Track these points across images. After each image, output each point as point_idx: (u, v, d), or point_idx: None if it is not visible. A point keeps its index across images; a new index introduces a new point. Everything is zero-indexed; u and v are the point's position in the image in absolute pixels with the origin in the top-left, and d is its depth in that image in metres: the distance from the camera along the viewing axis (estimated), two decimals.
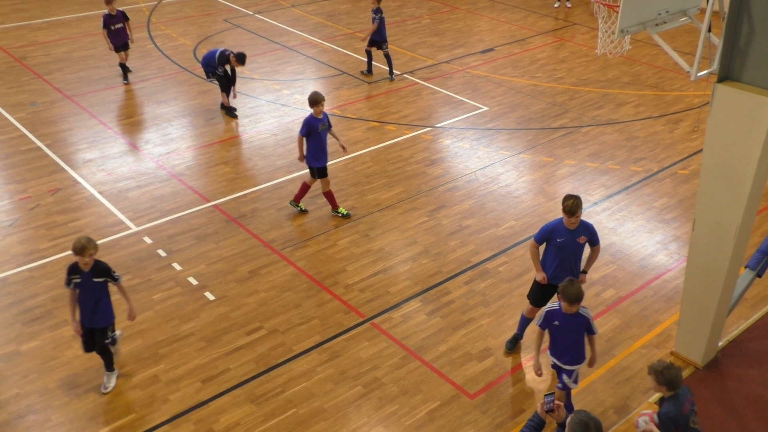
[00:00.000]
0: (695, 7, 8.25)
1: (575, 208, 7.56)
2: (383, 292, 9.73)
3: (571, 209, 7.57)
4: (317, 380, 8.32)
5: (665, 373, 6.38)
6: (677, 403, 6.45)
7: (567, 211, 7.62)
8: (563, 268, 7.93)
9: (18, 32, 18.89)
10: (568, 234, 7.79)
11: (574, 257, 7.95)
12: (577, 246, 7.89)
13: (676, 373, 6.39)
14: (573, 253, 7.91)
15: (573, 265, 7.98)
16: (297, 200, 11.36)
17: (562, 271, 7.92)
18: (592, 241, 7.99)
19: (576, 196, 7.63)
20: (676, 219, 11.37)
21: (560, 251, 7.87)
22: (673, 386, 6.43)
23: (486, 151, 13.31)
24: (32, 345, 8.75)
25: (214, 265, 10.19)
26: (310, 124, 10.68)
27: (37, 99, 15.06)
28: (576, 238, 7.83)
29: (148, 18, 20.19)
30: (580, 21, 20.70)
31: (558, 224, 7.83)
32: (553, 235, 7.85)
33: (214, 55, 14.06)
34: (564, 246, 7.84)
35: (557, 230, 7.82)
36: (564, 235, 7.79)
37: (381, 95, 15.55)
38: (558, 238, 7.82)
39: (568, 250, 7.87)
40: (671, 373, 6.37)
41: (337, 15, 20.79)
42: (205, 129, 14.02)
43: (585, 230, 7.89)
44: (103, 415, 7.82)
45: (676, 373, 6.39)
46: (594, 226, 8.04)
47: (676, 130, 14.15)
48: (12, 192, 11.83)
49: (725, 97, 7.05)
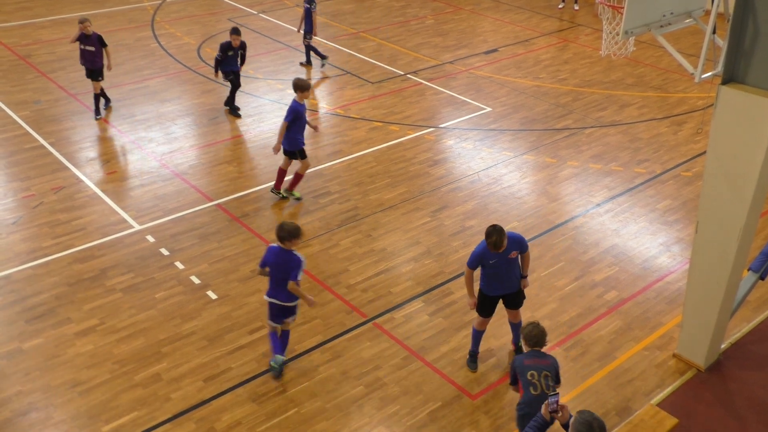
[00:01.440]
0: (700, 8, 8.24)
1: (499, 243, 7.56)
2: (385, 293, 9.73)
3: (495, 245, 7.57)
4: (319, 380, 8.32)
5: (525, 329, 6.79)
6: (526, 355, 6.78)
7: (492, 246, 7.60)
8: (500, 280, 8.01)
9: (22, 30, 18.92)
10: (499, 255, 7.78)
11: (510, 271, 8.01)
12: (511, 261, 7.93)
13: (530, 329, 6.72)
14: (507, 269, 7.97)
15: (511, 278, 8.04)
16: (291, 188, 11.71)
17: (499, 282, 8.02)
18: (522, 250, 8.01)
19: (498, 230, 7.56)
20: (679, 221, 11.35)
21: (495, 269, 7.92)
22: (528, 341, 6.73)
23: (489, 151, 13.31)
24: (35, 343, 8.76)
25: (216, 264, 10.19)
26: (296, 110, 10.96)
27: (41, 97, 15.08)
28: (507, 256, 7.84)
29: (152, 17, 20.21)
30: (584, 22, 20.69)
31: (485, 248, 7.77)
32: (485, 259, 7.85)
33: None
34: (497, 265, 7.88)
35: (486, 254, 7.80)
36: (495, 257, 7.80)
37: (384, 95, 15.55)
38: (490, 260, 7.83)
39: (503, 268, 7.92)
40: (527, 329, 6.76)
41: (341, 15, 20.80)
42: (208, 128, 14.03)
43: (515, 245, 7.88)
44: (104, 413, 7.82)
45: (531, 331, 6.71)
46: (520, 235, 8.00)
47: (680, 132, 14.13)
48: (15, 190, 11.84)
49: (729, 100, 7.04)
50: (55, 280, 9.80)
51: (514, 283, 8.12)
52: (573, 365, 8.57)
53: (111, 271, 10.00)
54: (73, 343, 8.75)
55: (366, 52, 17.90)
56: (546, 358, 6.75)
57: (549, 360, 6.76)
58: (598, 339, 8.98)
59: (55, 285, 9.72)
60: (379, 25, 20.07)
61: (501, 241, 7.55)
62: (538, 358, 6.71)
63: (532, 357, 6.73)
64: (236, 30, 14.02)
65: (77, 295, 9.55)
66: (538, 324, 6.77)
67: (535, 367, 6.65)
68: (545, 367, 6.67)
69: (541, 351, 6.76)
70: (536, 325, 6.75)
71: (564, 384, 8.28)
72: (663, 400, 8.05)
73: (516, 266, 8.07)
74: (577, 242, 10.81)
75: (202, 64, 16.80)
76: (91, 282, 9.79)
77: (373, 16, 20.79)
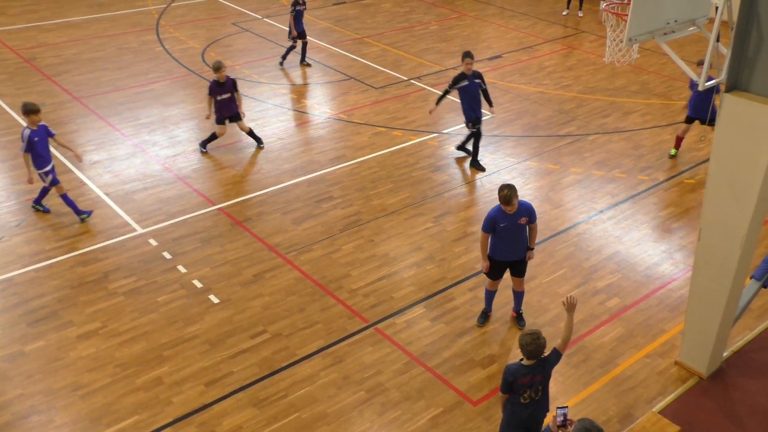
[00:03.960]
0: (704, 16, 8.24)
1: (509, 197, 8.17)
2: (387, 298, 9.73)
3: (505, 199, 8.20)
4: (320, 385, 8.31)
5: (523, 339, 6.37)
6: (522, 369, 6.45)
7: (502, 201, 8.25)
8: (509, 245, 8.64)
9: (28, 33, 18.98)
10: (509, 218, 8.40)
11: (518, 237, 8.62)
12: (520, 227, 8.54)
13: (529, 341, 6.33)
14: (516, 234, 8.58)
15: (517, 243, 8.66)
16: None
17: (511, 248, 8.67)
18: (531, 220, 8.60)
19: (510, 186, 8.23)
20: (681, 228, 11.34)
21: (504, 234, 8.53)
22: (525, 353, 6.39)
23: (492, 157, 13.31)
24: (37, 345, 8.77)
25: (218, 269, 10.20)
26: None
27: (46, 100, 15.11)
28: (517, 221, 8.46)
29: (157, 20, 20.26)
30: (588, 29, 20.70)
31: (498, 211, 8.41)
32: (496, 222, 8.45)
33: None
34: (507, 229, 8.48)
35: (498, 217, 8.42)
36: (505, 220, 8.42)
37: (388, 101, 15.57)
38: (501, 224, 8.44)
39: (511, 232, 8.52)
40: (524, 339, 6.35)
41: (345, 20, 20.83)
42: (211, 132, 14.02)
43: (525, 211, 8.49)
44: (106, 416, 7.83)
45: (529, 344, 6.33)
46: (531, 205, 8.61)
47: (684, 140, 14.11)
48: (19, 192, 11.87)
49: (733, 107, 7.04)
50: (57, 283, 9.81)
51: (521, 251, 8.74)
52: (575, 372, 8.56)
53: (113, 275, 10.01)
54: (74, 347, 8.76)
55: (370, 58, 17.93)
56: (539, 372, 6.47)
57: (542, 375, 6.48)
58: (600, 346, 8.97)
59: (58, 288, 9.73)
60: (383, 30, 20.10)
61: (511, 196, 8.16)
62: (534, 375, 6.46)
63: (527, 374, 6.45)
64: (215, 65, 12.84)
65: (79, 298, 9.57)
66: (538, 336, 6.33)
67: (527, 385, 6.48)
68: (538, 382, 6.50)
69: (538, 360, 6.45)
70: (536, 337, 6.33)
71: (565, 391, 8.28)
72: (665, 408, 8.03)
73: (523, 234, 8.65)
74: (579, 249, 10.80)
75: (206, 68, 16.83)
76: (93, 285, 9.80)
77: (378, 22, 20.82)
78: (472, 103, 12.40)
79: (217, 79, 12.77)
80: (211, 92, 12.85)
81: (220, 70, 12.68)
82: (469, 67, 12.15)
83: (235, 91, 13.04)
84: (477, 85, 12.29)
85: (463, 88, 12.28)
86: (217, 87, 12.81)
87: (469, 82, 12.23)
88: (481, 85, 12.36)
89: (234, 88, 13.01)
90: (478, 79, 12.31)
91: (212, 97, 12.85)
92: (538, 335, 6.34)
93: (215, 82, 12.79)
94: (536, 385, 6.51)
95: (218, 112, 13.02)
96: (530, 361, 6.42)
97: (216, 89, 12.82)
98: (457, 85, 12.29)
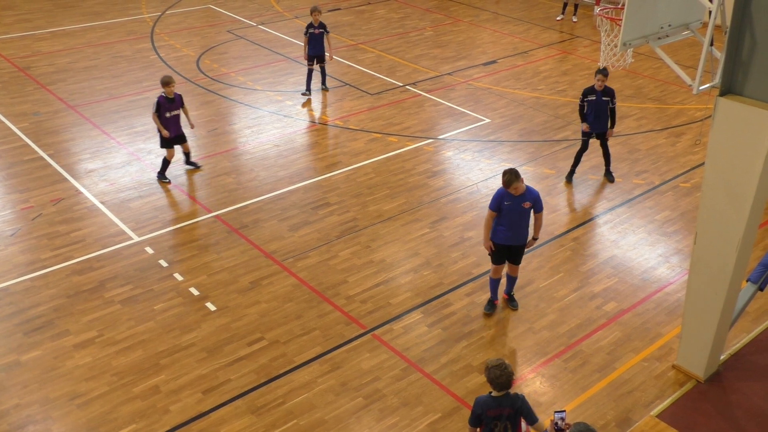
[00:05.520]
0: (698, 20, 8.28)
1: (509, 182, 8.58)
2: (384, 304, 9.72)
3: (506, 183, 8.62)
4: (318, 391, 8.30)
5: (489, 371, 6.19)
6: (490, 402, 6.28)
7: (504, 185, 8.67)
8: (510, 229, 8.93)
9: (22, 42, 18.97)
10: (514, 199, 8.75)
11: (521, 221, 8.90)
12: (523, 210, 8.84)
13: (498, 374, 6.14)
14: (519, 217, 8.86)
15: (518, 229, 8.94)
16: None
17: (509, 232, 8.95)
18: (536, 208, 8.93)
19: (511, 171, 8.62)
20: (678, 232, 11.36)
21: (508, 214, 8.83)
22: (494, 386, 6.22)
23: (488, 162, 13.33)
24: (33, 355, 8.74)
25: (215, 276, 10.19)
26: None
27: (40, 109, 15.10)
28: (521, 203, 8.78)
29: (151, 28, 20.26)
30: (583, 34, 20.76)
31: (505, 190, 8.77)
32: (502, 200, 8.80)
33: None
34: (511, 209, 8.79)
35: (505, 195, 8.78)
36: (510, 200, 8.76)
37: (383, 107, 15.58)
38: (506, 202, 8.78)
39: (514, 213, 8.82)
40: (493, 373, 6.16)
41: (340, 26, 20.86)
42: (207, 139, 14.04)
43: (529, 196, 8.82)
44: (103, 425, 7.80)
45: (498, 376, 6.14)
46: (539, 194, 8.96)
47: (678, 144, 14.15)
48: (14, 201, 11.85)
49: (727, 111, 7.06)
50: (53, 292, 9.79)
51: (521, 237, 9.04)
52: (572, 376, 8.56)
53: (110, 283, 9.99)
54: (71, 356, 8.73)
55: (365, 64, 17.95)
56: (511, 405, 6.29)
57: (515, 407, 6.29)
58: (598, 350, 8.97)
59: (54, 297, 9.71)
60: (378, 36, 20.13)
61: (512, 180, 8.56)
62: (503, 408, 6.30)
63: (496, 407, 6.30)
64: (163, 80, 12.19)
65: (76, 307, 9.54)
66: (506, 366, 6.16)
67: (496, 417, 6.34)
68: (508, 416, 6.33)
69: (507, 393, 6.27)
70: (503, 367, 6.15)
71: (563, 395, 8.28)
72: (662, 412, 8.03)
73: (525, 220, 8.94)
74: (576, 253, 10.81)
75: (201, 76, 16.83)
76: (89, 294, 9.78)
77: (372, 28, 20.86)
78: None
79: (166, 95, 12.09)
80: (159, 109, 12.05)
81: (170, 85, 12.05)
82: None
83: (182, 106, 12.38)
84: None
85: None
86: (167, 103, 12.10)
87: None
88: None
89: (182, 103, 12.37)
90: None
91: (160, 114, 12.06)
92: (505, 366, 6.15)
93: (164, 98, 12.07)
94: (504, 419, 6.33)
95: (166, 131, 12.22)
96: (499, 393, 6.27)
97: (166, 105, 12.09)
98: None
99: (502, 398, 6.28)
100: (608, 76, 11.93)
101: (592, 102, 12.04)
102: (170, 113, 12.18)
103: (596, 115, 12.13)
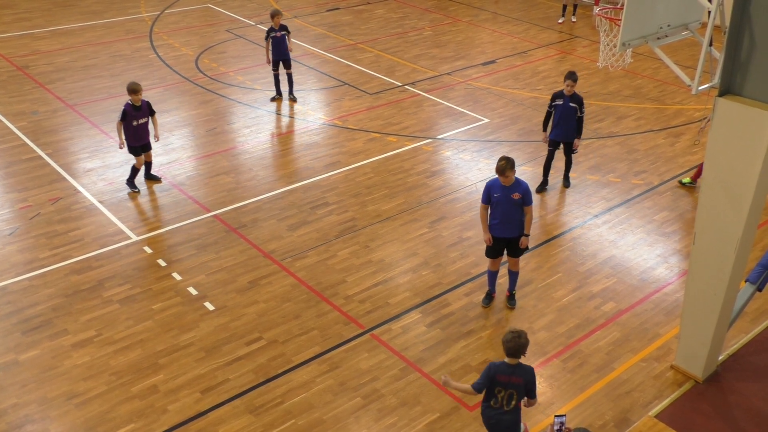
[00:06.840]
0: (697, 21, 8.28)
1: (503, 168, 8.60)
2: (383, 304, 9.72)
3: (499, 169, 8.64)
4: (316, 391, 8.29)
5: (505, 336, 6.47)
6: (504, 367, 6.52)
7: (497, 171, 8.69)
8: (503, 221, 8.96)
9: (21, 41, 18.95)
10: (503, 190, 8.80)
11: (511, 213, 8.91)
12: (512, 201, 8.84)
13: (509, 338, 6.41)
14: (509, 209, 8.88)
15: (511, 221, 8.96)
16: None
17: (502, 225, 8.99)
18: (525, 200, 8.89)
19: (507, 159, 8.64)
20: (676, 232, 11.36)
21: (498, 206, 8.89)
22: (505, 351, 6.47)
23: (487, 162, 13.32)
24: (31, 354, 8.73)
25: (214, 276, 10.18)
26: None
27: (39, 108, 15.09)
28: (510, 194, 8.80)
29: (150, 28, 20.25)
30: (582, 34, 20.76)
31: (495, 182, 8.87)
32: (491, 192, 8.88)
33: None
34: (500, 201, 8.84)
35: (494, 187, 8.87)
36: (499, 191, 8.83)
37: (382, 106, 15.58)
38: (495, 194, 8.86)
39: (504, 204, 8.85)
40: (506, 336, 6.44)
41: (339, 26, 20.86)
42: (206, 139, 14.04)
43: (518, 187, 8.82)
44: (101, 425, 7.79)
45: (509, 341, 6.41)
46: (528, 186, 8.94)
47: (677, 144, 14.16)
48: (12, 201, 11.83)
49: (726, 111, 7.06)
50: (51, 292, 9.78)
51: (513, 230, 9.04)
52: (571, 376, 8.56)
53: (108, 282, 9.98)
54: (69, 355, 8.73)
55: (364, 63, 17.95)
56: (520, 375, 6.50)
57: (522, 378, 6.50)
58: (596, 350, 8.97)
59: (52, 296, 9.70)
60: (377, 36, 20.13)
61: (505, 168, 8.58)
62: (512, 375, 6.48)
63: (506, 373, 6.48)
64: (134, 86, 11.77)
65: (74, 306, 9.53)
66: (520, 335, 6.39)
67: (504, 384, 6.51)
68: (515, 386, 6.50)
69: (518, 363, 6.51)
70: (517, 335, 6.38)
71: (561, 395, 8.28)
72: (661, 412, 8.04)
73: (516, 213, 8.92)
74: (574, 253, 10.81)
75: (200, 75, 16.83)
76: (88, 293, 9.77)
77: (371, 28, 20.85)
78: None
79: (133, 103, 11.70)
80: (124, 117, 11.64)
81: (137, 93, 11.65)
82: None
83: (152, 115, 12.03)
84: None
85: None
86: (133, 111, 11.71)
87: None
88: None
89: (150, 111, 12.01)
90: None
91: (126, 122, 11.69)
92: (520, 334, 6.42)
93: (131, 106, 11.68)
94: (511, 388, 6.51)
95: (132, 139, 11.84)
96: (513, 360, 6.51)
97: (132, 113, 11.69)
98: None
99: (515, 367, 6.51)
100: (577, 81, 11.66)
101: (559, 106, 11.82)
102: (137, 121, 11.76)
103: (562, 120, 11.82)
